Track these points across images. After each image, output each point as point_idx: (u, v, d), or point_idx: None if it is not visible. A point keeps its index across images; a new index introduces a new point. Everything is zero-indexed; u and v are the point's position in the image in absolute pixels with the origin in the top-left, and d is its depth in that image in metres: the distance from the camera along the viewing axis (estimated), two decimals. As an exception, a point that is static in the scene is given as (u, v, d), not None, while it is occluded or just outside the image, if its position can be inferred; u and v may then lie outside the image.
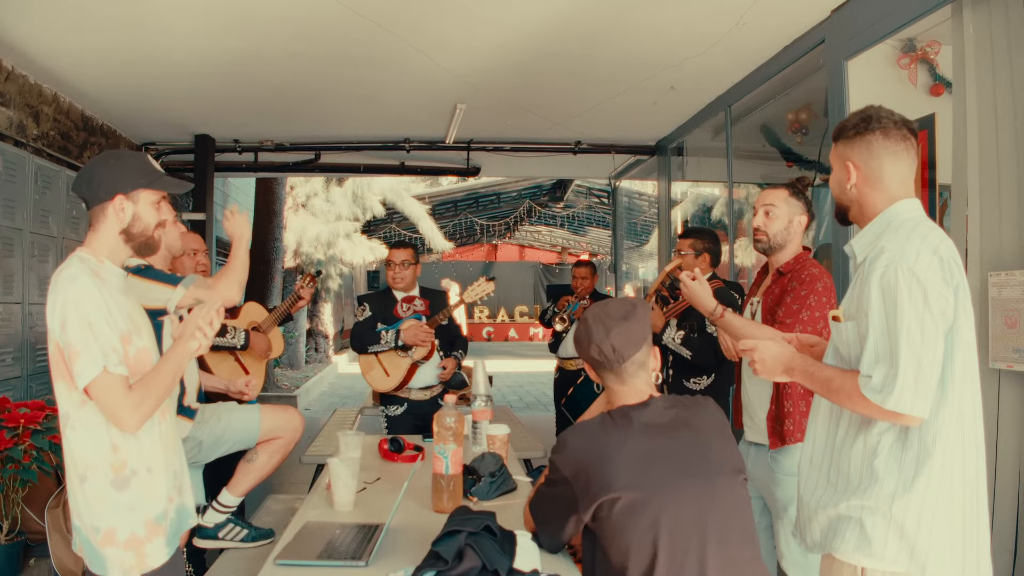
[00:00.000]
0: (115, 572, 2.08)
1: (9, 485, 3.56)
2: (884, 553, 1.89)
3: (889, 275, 1.85)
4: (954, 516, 1.87)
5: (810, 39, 4.41)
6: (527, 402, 12.09)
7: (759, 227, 3.07)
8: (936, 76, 3.97)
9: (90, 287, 2.06)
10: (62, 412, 2.10)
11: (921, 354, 1.81)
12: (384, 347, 4.41)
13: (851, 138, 2.06)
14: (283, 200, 12.20)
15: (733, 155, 5.86)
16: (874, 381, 1.84)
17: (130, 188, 2.18)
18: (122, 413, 2.03)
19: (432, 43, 4.74)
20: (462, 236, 25.12)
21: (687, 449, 1.97)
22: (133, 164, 2.23)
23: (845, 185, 2.08)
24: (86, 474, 2.08)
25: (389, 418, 4.63)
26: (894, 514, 1.88)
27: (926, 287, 1.82)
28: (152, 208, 2.23)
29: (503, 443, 3.20)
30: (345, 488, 2.61)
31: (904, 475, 1.89)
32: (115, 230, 2.20)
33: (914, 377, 1.80)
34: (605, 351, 2.03)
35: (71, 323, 2.01)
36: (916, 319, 1.81)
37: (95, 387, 2.01)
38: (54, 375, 2.11)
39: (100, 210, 2.19)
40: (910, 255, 1.86)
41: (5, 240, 4.46)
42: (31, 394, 4.57)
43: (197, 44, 4.74)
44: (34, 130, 5.33)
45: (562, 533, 2.07)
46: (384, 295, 4.61)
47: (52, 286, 2.09)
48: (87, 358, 2.00)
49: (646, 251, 13.65)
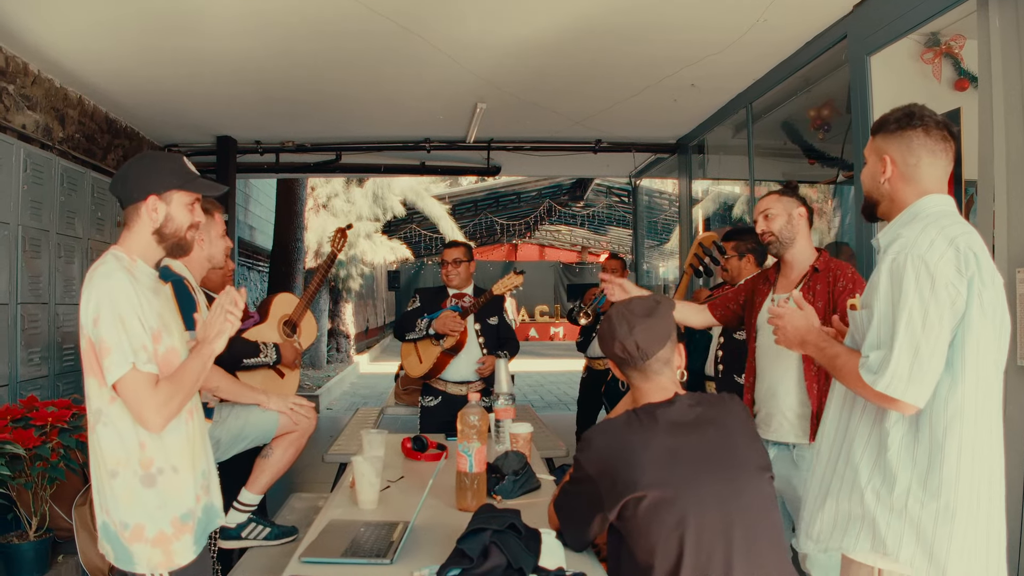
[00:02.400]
0: (143, 568, 2.10)
1: (37, 483, 3.60)
2: (899, 554, 1.87)
3: (899, 260, 1.86)
4: (974, 515, 1.85)
5: (832, 35, 4.37)
6: (548, 401, 12.08)
7: (764, 231, 3.12)
8: (961, 71, 3.93)
9: (125, 284, 2.08)
10: (94, 408, 2.11)
11: (920, 341, 1.80)
12: (418, 335, 4.53)
13: (892, 132, 2.05)
14: (304, 201, 12.25)
15: (755, 153, 5.82)
16: (869, 361, 1.85)
17: (163, 189, 2.20)
18: (147, 412, 2.05)
19: (452, 42, 4.75)
20: (482, 236, 25.18)
21: (712, 447, 1.96)
22: (167, 165, 2.25)
23: (879, 179, 2.08)
24: (116, 470, 2.10)
25: (424, 408, 4.70)
26: (909, 512, 1.87)
27: (935, 275, 1.81)
28: (185, 209, 2.25)
29: (526, 441, 3.19)
30: (369, 486, 2.61)
31: (918, 470, 1.87)
32: (148, 230, 2.21)
33: (908, 363, 1.80)
34: (629, 348, 2.03)
35: (104, 318, 2.03)
36: (919, 306, 1.81)
37: (123, 383, 2.03)
38: (86, 371, 2.12)
39: (134, 210, 2.21)
40: (923, 243, 1.85)
41: (32, 241, 4.51)
42: (58, 393, 4.62)
43: (219, 47, 4.77)
44: (60, 133, 5.39)
45: (587, 532, 2.06)
46: (439, 290, 4.74)
47: (86, 282, 2.11)
48: (117, 354, 2.01)
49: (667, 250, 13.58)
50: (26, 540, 3.63)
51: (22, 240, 4.39)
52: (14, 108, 4.81)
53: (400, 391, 6.07)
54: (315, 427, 3.30)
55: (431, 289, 4.81)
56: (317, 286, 4.40)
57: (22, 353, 4.39)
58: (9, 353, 4.28)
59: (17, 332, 4.34)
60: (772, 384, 3.06)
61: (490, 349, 4.58)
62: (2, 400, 4.11)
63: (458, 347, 4.47)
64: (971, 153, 3.47)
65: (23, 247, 4.40)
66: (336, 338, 16.10)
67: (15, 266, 4.33)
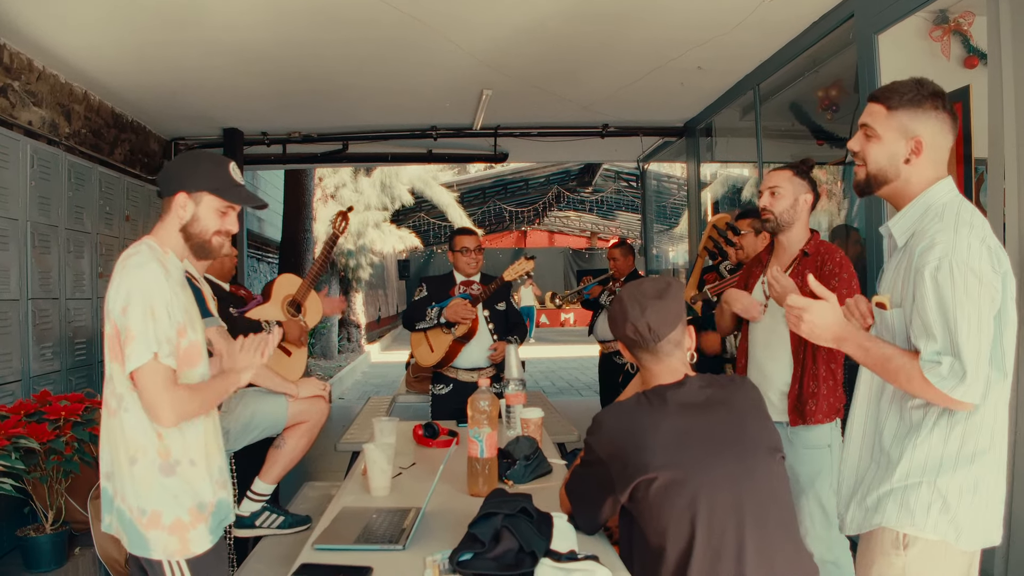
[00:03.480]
0: (158, 555, 2.11)
1: (53, 476, 3.63)
2: (925, 523, 1.89)
3: (944, 269, 1.81)
4: (991, 486, 1.91)
5: (839, 13, 4.34)
6: (559, 387, 12.08)
7: (765, 207, 3.12)
8: (970, 48, 3.89)
9: (158, 275, 2.11)
10: (117, 393, 2.13)
11: (981, 345, 1.80)
12: (428, 324, 4.49)
13: (924, 110, 1.94)
14: (312, 191, 12.26)
15: (763, 135, 5.79)
16: (942, 369, 1.81)
17: (194, 189, 2.22)
18: (161, 405, 2.05)
19: (457, 29, 4.73)
20: (491, 223, 25.15)
21: (723, 428, 1.96)
22: (206, 167, 2.26)
23: (900, 159, 1.96)
24: (136, 456, 2.11)
25: (435, 396, 4.68)
26: (939, 486, 1.88)
27: (980, 278, 1.80)
28: (214, 214, 2.25)
29: (537, 426, 3.20)
30: (381, 473, 2.62)
31: (948, 449, 1.89)
32: (175, 225, 2.24)
33: (978, 368, 1.79)
34: (640, 329, 2.02)
35: (133, 307, 2.04)
36: (975, 311, 1.80)
37: (142, 373, 2.04)
38: (110, 357, 2.14)
39: (167, 203, 2.24)
40: (962, 248, 1.81)
41: (41, 237, 4.52)
42: (71, 387, 4.65)
43: (224, 39, 4.77)
44: (66, 128, 5.40)
45: (599, 515, 2.07)
46: (445, 278, 4.71)
47: (118, 270, 2.12)
48: (141, 343, 2.03)
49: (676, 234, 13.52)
50: (43, 533, 3.65)
51: (31, 236, 4.41)
52: (20, 105, 4.82)
53: (411, 379, 6.08)
54: (328, 417, 3.31)
55: (437, 277, 4.80)
56: (319, 266, 4.42)
57: (34, 348, 4.41)
58: (21, 348, 4.30)
59: (28, 328, 4.36)
60: (761, 364, 3.12)
61: (500, 335, 4.58)
62: (15, 395, 4.13)
63: (470, 334, 4.47)
64: (980, 131, 3.44)
65: (32, 243, 4.41)
66: (347, 328, 16.13)
67: (25, 262, 4.35)
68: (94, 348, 5.11)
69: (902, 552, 1.92)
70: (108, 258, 5.37)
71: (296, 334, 4.02)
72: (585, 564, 1.82)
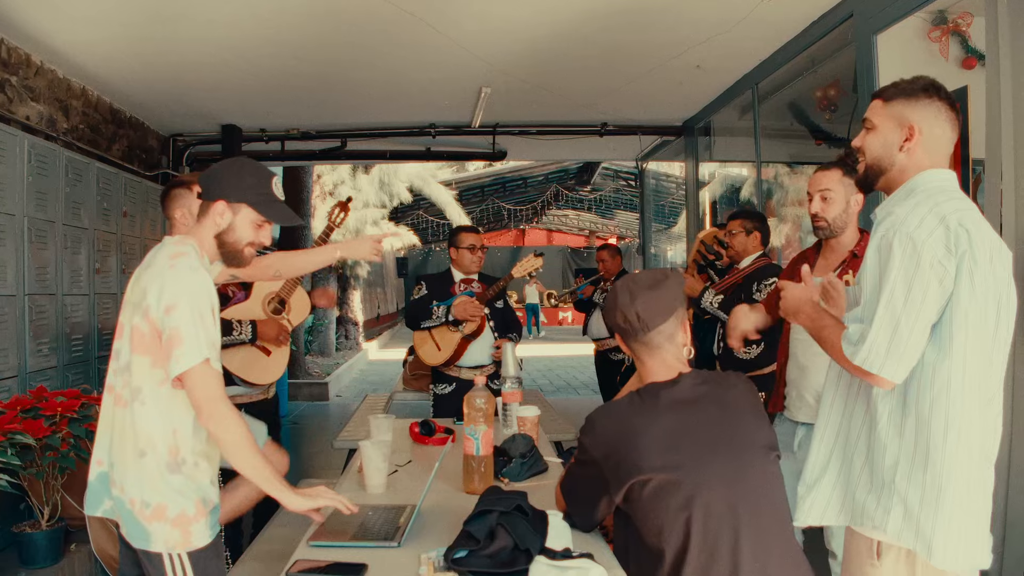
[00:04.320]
0: (159, 547, 2.11)
1: (49, 472, 3.62)
2: (887, 527, 1.88)
3: (888, 237, 1.85)
4: (961, 493, 1.84)
5: (838, 13, 4.34)
6: (557, 386, 12.09)
7: (817, 213, 2.98)
8: (968, 49, 3.89)
9: (208, 282, 2.13)
10: (133, 386, 2.12)
11: (900, 317, 1.80)
12: (436, 322, 4.47)
13: (917, 99, 1.98)
14: (310, 188, 12.25)
15: (761, 134, 5.79)
16: (849, 333, 1.87)
17: (235, 199, 2.23)
18: (217, 404, 2.06)
19: (456, 27, 4.73)
20: (490, 221, 25.13)
21: (716, 426, 1.96)
22: (250, 180, 2.27)
23: (895, 147, 2.00)
24: (146, 450, 2.11)
25: (436, 396, 4.65)
26: (897, 486, 1.88)
27: (921, 253, 1.79)
28: (251, 226, 2.27)
29: (533, 424, 3.20)
30: (376, 471, 2.62)
31: (904, 443, 1.88)
32: (211, 231, 2.25)
33: (887, 339, 1.80)
34: (630, 318, 2.02)
35: (182, 310, 2.05)
36: (903, 283, 1.80)
37: (193, 375, 2.04)
38: (135, 349, 2.13)
39: (206, 206, 2.25)
40: (912, 220, 1.84)
41: (39, 233, 4.52)
42: (67, 383, 4.64)
43: (223, 34, 4.77)
44: (64, 124, 5.40)
45: (594, 514, 2.06)
46: (443, 276, 4.69)
47: (165, 268, 2.12)
48: (192, 346, 2.03)
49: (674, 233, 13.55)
50: (39, 529, 3.65)
51: (28, 231, 4.40)
52: (17, 100, 4.81)
53: (408, 377, 6.09)
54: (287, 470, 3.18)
55: (435, 275, 4.78)
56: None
57: (30, 344, 4.41)
58: (18, 344, 4.30)
59: (25, 323, 4.36)
60: (804, 365, 3.06)
61: (500, 333, 4.59)
62: (12, 391, 4.13)
63: (478, 332, 4.47)
64: (978, 131, 3.44)
65: (29, 238, 4.41)
66: (345, 325, 16.13)
67: (22, 257, 4.34)
68: (91, 344, 5.10)
69: (876, 561, 1.93)
70: (105, 254, 5.36)
71: (273, 333, 3.89)
72: (580, 562, 1.82)
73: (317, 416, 9.78)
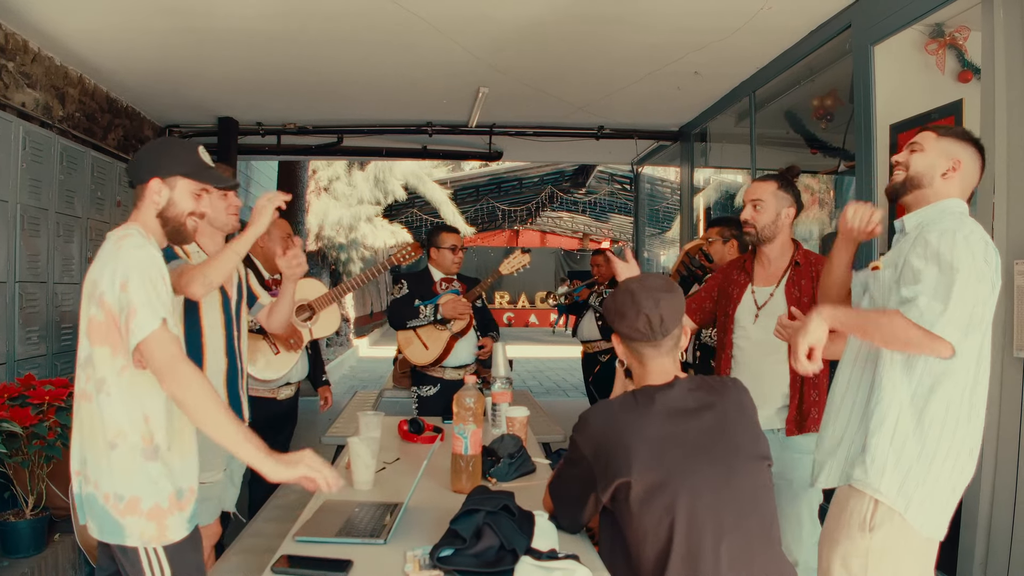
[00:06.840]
0: (134, 541, 2.08)
1: (34, 461, 3.60)
2: (880, 484, 2.11)
3: (947, 236, 2.07)
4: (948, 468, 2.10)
5: (836, 23, 4.36)
6: (547, 387, 12.09)
7: (747, 220, 3.14)
8: (964, 62, 3.91)
9: (156, 255, 2.12)
10: (97, 377, 2.09)
11: (965, 296, 2.00)
12: (423, 321, 4.45)
13: (966, 143, 2.27)
14: (305, 184, 12.23)
15: (757, 141, 5.81)
16: (920, 302, 2.02)
17: (167, 174, 2.24)
18: (178, 363, 2.01)
19: (456, 26, 4.73)
20: (484, 221, 25.12)
21: (707, 433, 1.96)
22: (177, 152, 2.29)
23: (937, 172, 2.25)
24: (116, 441, 2.08)
25: (421, 398, 4.63)
26: (894, 443, 2.12)
27: (974, 251, 2.04)
28: (189, 197, 2.28)
29: (522, 425, 3.20)
30: (364, 467, 2.62)
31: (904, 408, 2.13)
32: (152, 212, 2.25)
33: (965, 313, 2.00)
34: (654, 321, 2.02)
35: (134, 283, 2.03)
36: (974, 271, 2.02)
37: (152, 341, 2.00)
38: (94, 341, 2.10)
39: (140, 190, 2.25)
40: (967, 227, 2.10)
41: (31, 220, 4.50)
42: (56, 372, 4.62)
43: (221, 27, 4.75)
44: (59, 111, 5.38)
45: (582, 512, 2.07)
46: (422, 274, 4.65)
47: (111, 252, 2.10)
48: (147, 313, 2.00)
49: (668, 238, 13.56)
50: (22, 518, 3.63)
51: (21, 218, 4.38)
52: (14, 86, 4.79)
53: (398, 374, 6.07)
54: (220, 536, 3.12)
55: (415, 274, 4.72)
56: (355, 283, 4.26)
57: (20, 332, 4.39)
58: (7, 332, 4.28)
59: (15, 311, 4.34)
60: (758, 374, 3.03)
61: (482, 332, 4.59)
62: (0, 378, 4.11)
63: (466, 330, 4.47)
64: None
65: (22, 225, 4.39)
66: (336, 322, 16.05)
67: (13, 244, 4.32)
68: (81, 333, 5.07)
69: (867, 534, 2.12)
70: (97, 244, 5.29)
71: (286, 335, 3.93)
72: (565, 563, 1.82)
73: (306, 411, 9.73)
